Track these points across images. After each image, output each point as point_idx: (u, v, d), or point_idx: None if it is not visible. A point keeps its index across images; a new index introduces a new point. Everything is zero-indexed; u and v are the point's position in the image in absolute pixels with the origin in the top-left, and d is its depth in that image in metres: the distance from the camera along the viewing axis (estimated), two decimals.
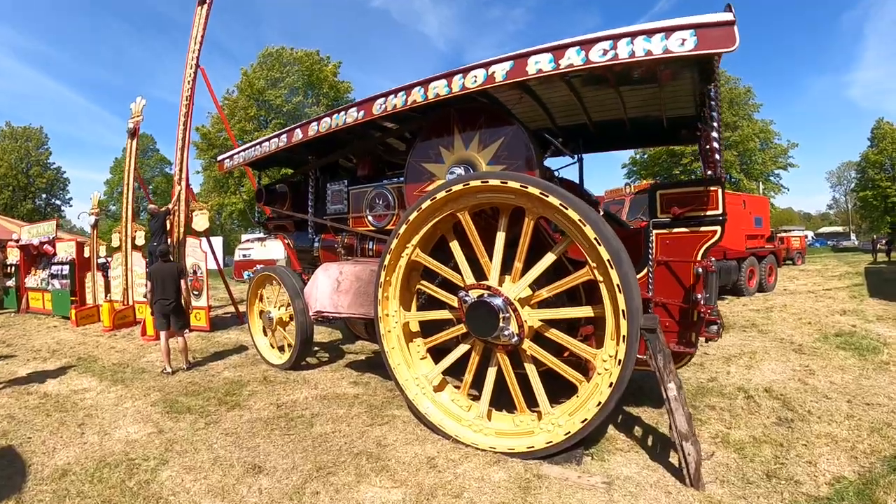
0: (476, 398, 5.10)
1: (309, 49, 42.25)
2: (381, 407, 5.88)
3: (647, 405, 5.75)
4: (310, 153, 7.29)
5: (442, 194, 4.54)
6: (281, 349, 7.94)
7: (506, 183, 4.20)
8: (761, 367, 7.23)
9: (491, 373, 4.66)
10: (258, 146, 7.27)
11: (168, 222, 10.74)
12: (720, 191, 4.42)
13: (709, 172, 5.16)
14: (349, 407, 6.00)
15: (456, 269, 4.71)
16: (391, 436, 4.99)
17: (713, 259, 4.56)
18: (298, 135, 6.27)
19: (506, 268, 4.51)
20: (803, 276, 22.24)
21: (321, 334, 10.53)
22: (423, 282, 5.05)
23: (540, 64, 4.11)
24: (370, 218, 6.29)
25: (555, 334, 4.32)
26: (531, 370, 4.43)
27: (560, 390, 4.86)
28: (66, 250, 14.79)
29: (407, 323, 5.16)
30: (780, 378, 6.63)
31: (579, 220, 3.95)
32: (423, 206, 4.66)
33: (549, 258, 4.25)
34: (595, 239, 3.90)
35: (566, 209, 3.98)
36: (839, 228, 67.75)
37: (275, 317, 7.71)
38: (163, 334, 7.72)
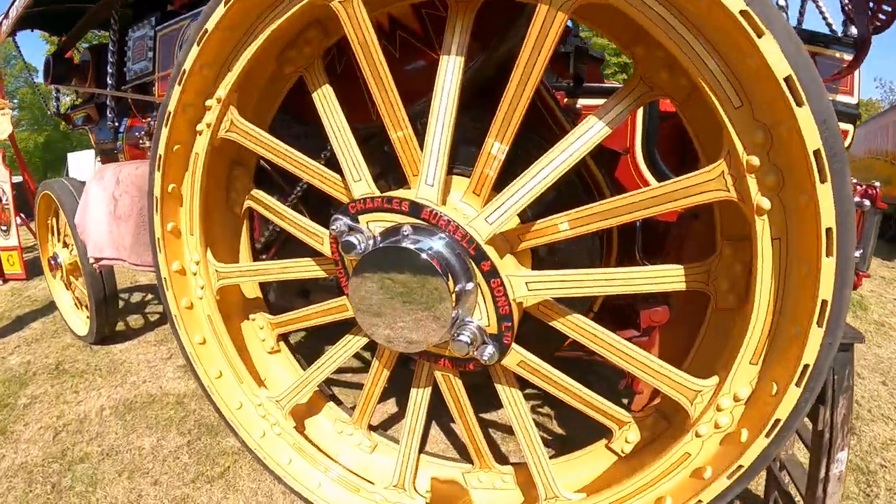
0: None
1: None
2: (219, 430, 3.07)
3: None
4: None
5: None
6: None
7: None
8: None
9: (417, 399, 1.89)
10: None
11: None
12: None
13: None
14: (164, 430, 3.16)
15: (332, 163, 1.77)
16: None
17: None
18: None
19: (456, 159, 1.67)
20: None
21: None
22: (259, 192, 2.05)
23: None
24: None
25: (581, 327, 1.54)
26: (515, 402, 1.70)
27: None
28: None
29: (235, 287, 2.22)
30: None
31: (741, 12, 1.09)
32: None
33: (593, 129, 1.40)
34: (790, 81, 1.09)
35: None
36: None
37: (63, 261, 4.47)
38: None
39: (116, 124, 4.14)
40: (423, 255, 1.33)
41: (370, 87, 1.50)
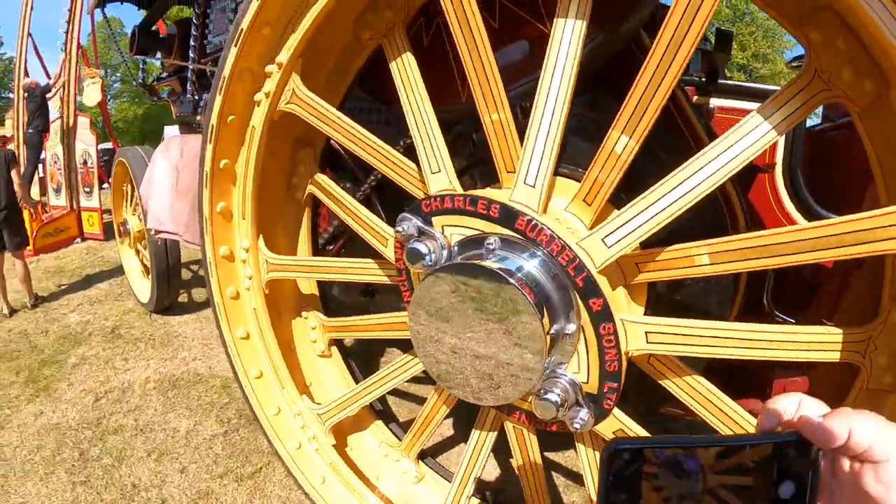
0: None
1: None
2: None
3: None
4: None
5: None
6: None
7: None
8: None
9: (478, 442, 1.56)
10: None
11: (60, 101, 7.32)
12: None
13: None
14: (204, 415, 3.02)
15: (410, 153, 1.46)
16: None
17: None
18: None
19: (561, 156, 1.31)
20: None
21: None
22: (322, 177, 1.73)
23: None
24: None
25: (701, 394, 1.14)
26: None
27: None
28: None
29: (289, 280, 1.97)
30: None
31: None
32: None
33: (759, 130, 0.99)
34: None
35: None
36: None
37: (133, 229, 4.47)
38: None
39: (196, 98, 4.06)
40: (513, 281, 0.99)
41: (461, 53, 1.17)
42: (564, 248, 1.04)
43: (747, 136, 1.02)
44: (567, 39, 1.11)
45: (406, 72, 1.35)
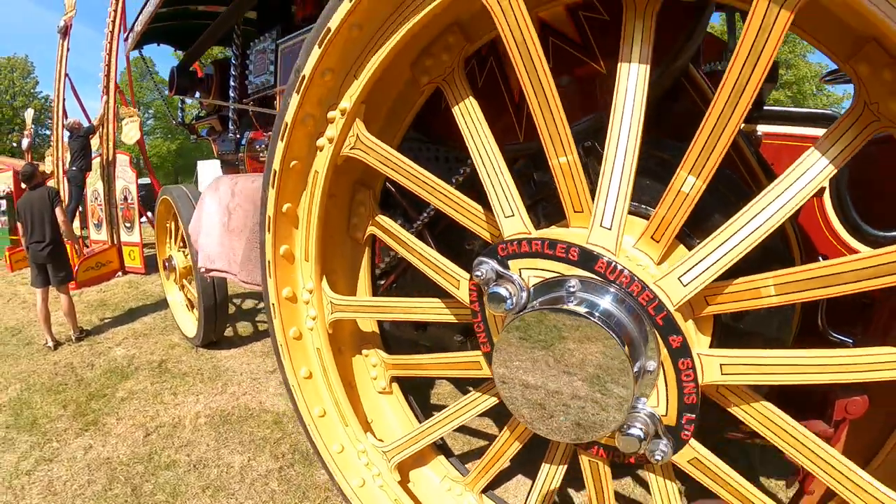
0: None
1: None
2: (314, 460, 2.98)
3: None
4: None
5: None
6: None
7: None
8: None
9: (548, 477, 1.59)
10: None
11: (99, 138, 7.75)
12: None
13: None
14: (257, 450, 3.08)
15: (463, 188, 1.53)
16: None
17: None
18: None
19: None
20: None
21: None
22: (385, 219, 1.80)
23: None
24: None
25: (769, 419, 1.17)
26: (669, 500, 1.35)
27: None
28: (4, 181, 11.79)
29: (350, 321, 2.03)
30: None
31: None
32: None
33: (818, 165, 1.06)
34: None
35: None
36: None
37: (178, 265, 4.65)
38: (38, 294, 5.05)
39: (238, 136, 4.24)
40: (602, 324, 1.05)
41: (528, 98, 1.23)
42: (644, 288, 1.10)
43: (810, 171, 1.09)
44: (634, 77, 1.17)
45: (470, 115, 1.42)
